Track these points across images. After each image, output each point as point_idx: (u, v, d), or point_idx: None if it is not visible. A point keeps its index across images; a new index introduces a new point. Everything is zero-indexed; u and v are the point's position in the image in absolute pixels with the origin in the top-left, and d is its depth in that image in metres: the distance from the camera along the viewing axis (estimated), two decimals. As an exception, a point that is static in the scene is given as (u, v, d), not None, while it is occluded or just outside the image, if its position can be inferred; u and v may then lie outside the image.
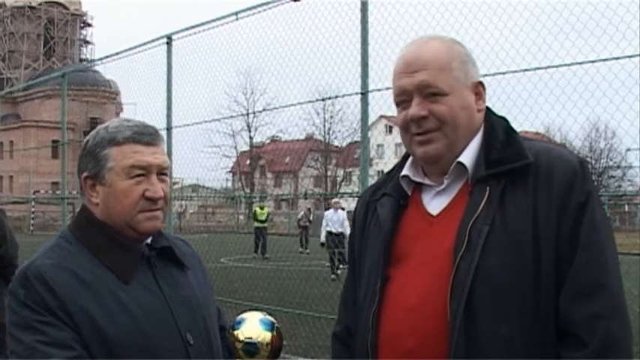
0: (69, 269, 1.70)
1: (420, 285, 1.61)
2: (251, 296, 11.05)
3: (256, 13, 6.99)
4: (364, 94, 5.76)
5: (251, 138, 36.70)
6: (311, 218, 20.49)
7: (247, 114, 23.28)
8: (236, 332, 1.83)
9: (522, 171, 1.59)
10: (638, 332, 2.31)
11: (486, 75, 4.78)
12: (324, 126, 42.58)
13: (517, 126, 1.73)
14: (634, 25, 4.57)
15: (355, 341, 1.76)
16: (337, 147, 44.22)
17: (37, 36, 67.67)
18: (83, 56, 69.22)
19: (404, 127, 1.69)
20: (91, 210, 1.81)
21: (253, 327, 1.83)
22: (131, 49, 8.78)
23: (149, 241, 1.83)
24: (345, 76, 6.25)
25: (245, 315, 1.88)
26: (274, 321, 1.87)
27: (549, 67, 5.01)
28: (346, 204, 17.10)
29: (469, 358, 1.51)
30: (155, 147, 1.79)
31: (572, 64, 4.88)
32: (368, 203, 1.83)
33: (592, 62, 4.75)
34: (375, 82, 5.77)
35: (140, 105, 9.21)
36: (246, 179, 41.26)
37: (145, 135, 1.78)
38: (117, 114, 49.34)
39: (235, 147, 35.48)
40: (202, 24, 7.68)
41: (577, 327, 1.51)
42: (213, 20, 7.56)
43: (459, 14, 5.46)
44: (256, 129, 32.17)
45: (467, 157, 1.65)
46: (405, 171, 1.75)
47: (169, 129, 8.06)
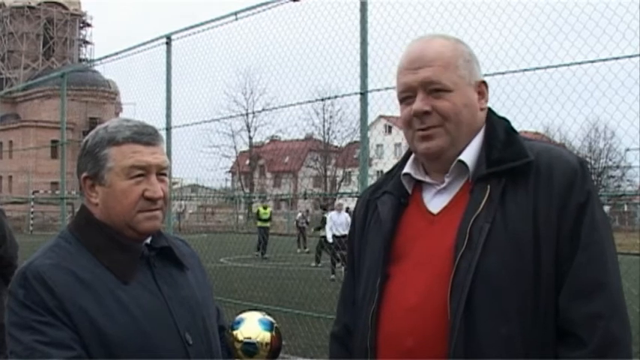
0: (68, 269, 1.70)
1: (420, 284, 1.61)
2: (250, 296, 11.05)
3: (255, 13, 6.99)
4: (363, 94, 5.76)
5: (250, 138, 36.71)
6: (308, 220, 20.49)
7: (247, 114, 23.19)
8: (235, 332, 1.83)
9: (523, 170, 1.59)
10: (637, 332, 2.31)
11: (486, 75, 4.75)
12: (324, 126, 42.66)
13: (516, 126, 1.73)
14: (634, 25, 4.57)
15: (354, 340, 1.75)
16: (336, 147, 44.25)
17: (37, 36, 67.62)
18: (82, 56, 69.18)
19: (407, 123, 1.70)
20: (91, 210, 1.81)
21: (252, 327, 1.83)
22: (130, 49, 8.77)
23: (148, 241, 1.83)
24: (345, 76, 6.25)
25: (244, 315, 1.88)
26: (273, 321, 1.87)
27: (548, 68, 5.01)
28: (345, 204, 17.05)
29: (468, 358, 1.51)
30: (154, 147, 1.79)
31: (571, 64, 4.88)
32: (368, 201, 1.83)
33: (591, 62, 4.74)
34: (375, 82, 5.77)
35: (139, 105, 9.21)
36: (245, 179, 41.23)
37: (145, 135, 1.78)
38: (116, 114, 49.32)
39: (235, 147, 35.51)
40: (202, 24, 7.68)
41: (576, 326, 1.51)
42: (212, 20, 7.56)
43: (459, 14, 5.46)
44: (256, 129, 32.13)
45: (468, 156, 1.66)
46: (407, 169, 1.75)
47: (169, 129, 8.05)
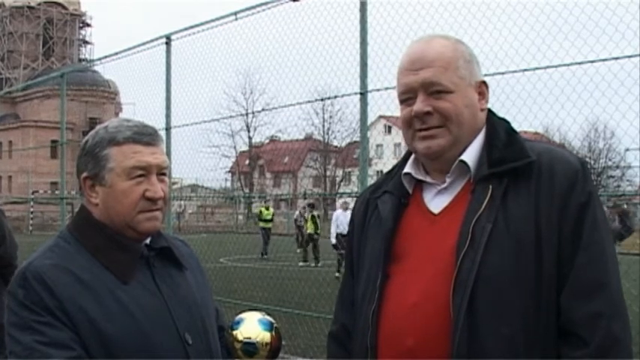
0: (68, 269, 1.70)
1: (421, 283, 1.61)
2: (250, 296, 11.06)
3: (255, 13, 6.99)
4: (363, 94, 5.76)
5: (250, 138, 36.70)
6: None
7: (246, 114, 23.19)
8: (235, 332, 1.83)
9: (525, 170, 1.59)
10: (638, 332, 2.31)
11: (486, 75, 4.75)
12: (323, 126, 42.71)
13: (516, 126, 1.73)
14: (633, 25, 4.57)
15: (354, 340, 1.75)
16: (336, 147, 44.29)
17: (36, 36, 67.61)
18: (82, 56, 69.16)
19: (407, 123, 1.69)
20: (90, 210, 1.81)
21: (252, 327, 1.83)
22: (130, 49, 8.77)
23: (148, 242, 1.83)
24: (344, 76, 6.25)
25: (244, 315, 1.88)
26: (273, 321, 1.87)
27: (548, 68, 5.01)
28: (341, 202, 17.02)
29: (471, 358, 1.50)
30: (155, 147, 1.79)
31: (571, 65, 4.88)
32: (368, 200, 1.82)
33: (591, 62, 4.74)
34: (374, 82, 5.77)
35: (139, 105, 9.21)
36: (245, 179, 41.23)
37: (145, 135, 1.78)
38: (116, 114, 49.32)
39: (234, 147, 35.50)
40: (201, 24, 7.68)
41: (578, 326, 1.51)
42: (212, 20, 7.56)
43: (458, 14, 5.46)
44: (255, 129, 32.15)
45: (469, 156, 1.66)
46: (407, 169, 1.75)
47: (168, 129, 8.05)
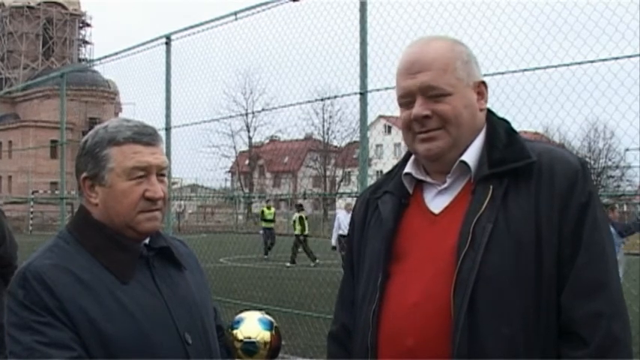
0: (67, 269, 1.70)
1: (422, 283, 1.61)
2: (250, 296, 11.07)
3: (255, 13, 7.00)
4: (363, 94, 5.76)
5: (250, 138, 36.65)
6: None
7: (246, 114, 23.18)
8: (235, 332, 1.83)
9: (525, 171, 1.59)
10: (638, 332, 2.31)
11: (485, 75, 4.75)
12: (323, 126, 42.64)
13: (516, 126, 1.73)
14: (633, 26, 4.58)
15: (354, 340, 1.75)
16: (336, 147, 44.24)
17: (36, 36, 67.61)
18: (82, 56, 69.17)
19: (407, 126, 1.69)
20: (90, 210, 1.81)
21: (252, 326, 1.83)
22: (130, 49, 8.78)
23: (147, 242, 1.83)
24: (344, 76, 6.26)
25: (244, 314, 1.88)
26: (273, 320, 1.87)
27: (548, 68, 5.01)
28: (344, 204, 17.02)
29: (472, 358, 1.50)
30: (154, 147, 1.79)
31: (570, 65, 4.89)
32: (368, 200, 1.82)
33: (591, 62, 4.75)
34: (374, 82, 5.78)
35: (139, 105, 9.23)
36: (245, 179, 41.24)
37: (145, 135, 1.78)
38: (116, 114, 49.32)
39: (234, 147, 35.49)
40: (201, 24, 7.69)
41: (578, 326, 1.51)
42: (212, 20, 7.56)
43: (458, 14, 5.47)
44: (255, 129, 32.11)
45: (470, 156, 1.66)
46: (408, 169, 1.75)
47: (168, 129, 8.06)
